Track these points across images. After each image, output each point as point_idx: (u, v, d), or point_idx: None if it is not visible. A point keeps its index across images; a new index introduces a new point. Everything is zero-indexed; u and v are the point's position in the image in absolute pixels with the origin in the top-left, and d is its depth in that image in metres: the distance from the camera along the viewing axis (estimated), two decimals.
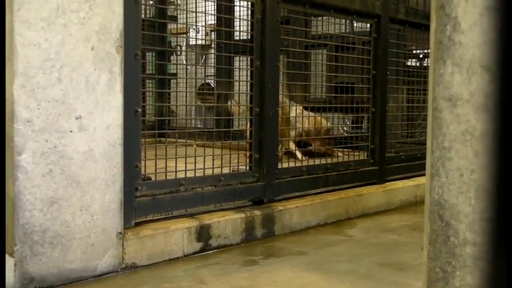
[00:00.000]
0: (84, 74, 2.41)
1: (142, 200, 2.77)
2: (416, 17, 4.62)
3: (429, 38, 1.02)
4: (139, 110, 2.70)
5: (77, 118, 2.39)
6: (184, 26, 7.92)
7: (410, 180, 4.46)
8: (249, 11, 3.45)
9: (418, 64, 6.05)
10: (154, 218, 2.88)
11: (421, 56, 5.97)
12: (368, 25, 4.36)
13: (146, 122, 5.82)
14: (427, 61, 5.87)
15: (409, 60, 6.05)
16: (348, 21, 5.81)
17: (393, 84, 4.67)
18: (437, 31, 0.92)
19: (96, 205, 2.48)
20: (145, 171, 2.82)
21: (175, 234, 2.82)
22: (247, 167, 3.43)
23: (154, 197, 2.84)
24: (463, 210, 0.85)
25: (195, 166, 3.07)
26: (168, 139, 5.53)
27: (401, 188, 4.31)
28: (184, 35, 8.52)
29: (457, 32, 0.88)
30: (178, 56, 8.23)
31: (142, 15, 2.85)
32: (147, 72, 7.54)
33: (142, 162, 2.77)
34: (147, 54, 7.70)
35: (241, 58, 5.01)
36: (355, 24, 6.26)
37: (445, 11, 0.89)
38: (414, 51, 6.09)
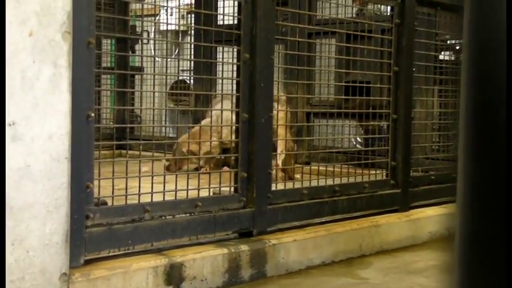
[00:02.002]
0: (20, 67, 2.40)
1: (95, 231, 2.75)
2: None
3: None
4: (93, 114, 2.70)
5: (9, 125, 2.38)
6: (153, 6, 7.93)
7: (443, 208, 4.46)
8: None
9: (453, 58, 6.09)
10: (111, 254, 2.86)
11: (457, 47, 6.01)
12: (389, 8, 4.39)
13: (102, 130, 5.81)
14: None
15: (442, 53, 6.09)
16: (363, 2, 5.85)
17: (421, 84, 4.69)
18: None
19: (34, 238, 2.46)
20: (99, 194, 2.81)
21: (137, 276, 2.79)
22: (232, 189, 3.42)
23: (111, 226, 2.82)
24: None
25: (164, 187, 3.05)
26: (130, 152, 5.52)
27: (431, 217, 4.32)
28: (153, 18, 8.54)
29: None
30: (145, 45, 8.24)
31: None
32: (104, 65, 7.54)
33: (96, 182, 2.75)
34: (104, 42, 7.70)
35: (225, 49, 5.03)
36: (371, 7, 6.30)
37: None
38: (449, 42, 6.14)
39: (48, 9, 2.47)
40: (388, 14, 4.70)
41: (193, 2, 6.91)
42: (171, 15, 8.52)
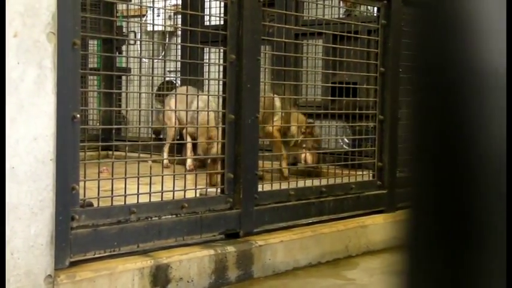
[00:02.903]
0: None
1: (81, 233, 2.74)
2: None
3: None
4: (78, 115, 2.69)
5: None
6: (139, 7, 7.92)
7: None
8: None
9: None
10: (96, 255, 2.85)
11: None
12: (375, 9, 4.40)
13: (88, 131, 5.79)
14: None
15: None
16: (349, 3, 5.86)
17: (407, 84, 4.70)
18: None
19: (18, 240, 2.44)
20: (85, 195, 2.80)
21: (123, 277, 2.79)
22: (219, 190, 3.42)
23: (97, 228, 2.81)
24: None
25: (150, 188, 3.05)
26: (116, 153, 5.50)
27: None
28: (140, 19, 8.53)
29: None
30: (131, 46, 8.22)
31: None
32: (90, 66, 7.52)
33: (81, 184, 2.74)
34: (90, 43, 7.67)
35: (212, 50, 5.03)
36: (360, 8, 6.31)
37: None
38: None
39: (33, 10, 2.46)
40: (375, 14, 4.71)
41: (179, 2, 6.91)
42: (158, 16, 8.51)
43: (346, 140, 5.96)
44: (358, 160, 4.62)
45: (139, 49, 8.22)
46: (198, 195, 3.37)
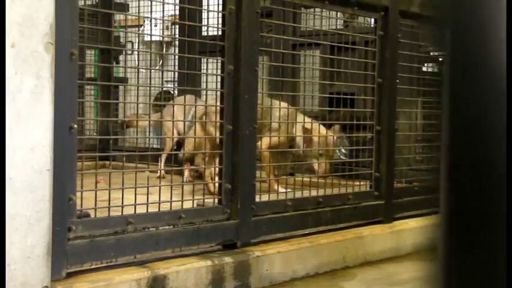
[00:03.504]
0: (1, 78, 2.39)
1: (78, 244, 2.73)
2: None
3: None
4: (75, 125, 2.68)
5: None
6: (137, 17, 7.91)
7: (426, 219, 4.46)
8: (220, 0, 3.46)
9: (436, 70, 6.12)
10: (93, 266, 2.84)
11: (440, 59, 6.04)
12: (372, 20, 4.41)
13: (85, 141, 5.78)
14: None
15: (426, 65, 6.12)
16: (347, 15, 5.86)
17: (405, 95, 4.71)
18: None
19: (15, 251, 2.43)
20: (82, 206, 2.79)
21: None
22: (216, 201, 3.41)
23: (94, 239, 2.80)
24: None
25: (147, 199, 3.04)
26: (113, 163, 5.51)
27: (415, 228, 4.32)
28: (137, 29, 8.52)
29: None
30: (129, 56, 8.22)
31: (81, 3, 2.84)
32: (87, 76, 7.51)
33: (78, 194, 2.73)
34: (88, 53, 7.67)
35: (210, 60, 5.03)
36: (359, 20, 6.32)
37: None
38: (432, 54, 6.17)
39: (31, 20, 2.45)
40: (372, 26, 4.72)
41: (177, 13, 6.90)
42: (155, 26, 8.50)
43: (343, 150, 5.96)
44: (355, 170, 4.62)
45: (136, 59, 8.20)
46: (195, 205, 3.35)
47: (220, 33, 3.47)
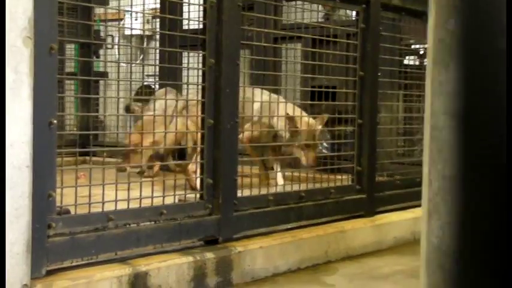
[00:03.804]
0: None
1: (58, 241, 2.71)
2: (416, 2, 4.69)
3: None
4: (55, 121, 2.66)
5: None
6: (117, 11, 7.87)
7: (408, 212, 4.49)
8: None
9: (417, 63, 6.14)
10: (74, 264, 2.81)
11: (421, 52, 6.07)
12: (354, 13, 4.40)
13: (65, 136, 5.72)
14: None
15: (407, 57, 6.14)
16: (328, 7, 5.87)
17: (386, 88, 4.72)
18: (438, 25, 0.91)
19: None
20: (61, 202, 2.76)
21: (100, 286, 2.74)
22: (198, 196, 3.40)
23: (74, 236, 2.77)
24: (472, 259, 0.83)
25: (128, 195, 3.02)
26: (93, 159, 5.47)
27: (396, 222, 4.34)
28: (117, 23, 8.48)
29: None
30: (109, 50, 8.18)
31: None
32: (67, 70, 7.46)
33: (58, 191, 2.70)
34: (67, 47, 7.62)
35: (191, 54, 5.01)
36: (339, 12, 6.33)
37: None
38: (413, 47, 6.19)
39: (9, 14, 2.42)
40: (354, 18, 4.72)
41: (158, 6, 6.87)
42: (136, 19, 8.47)
43: (325, 144, 5.97)
44: (337, 164, 4.63)
45: (117, 53, 8.16)
46: (177, 201, 3.34)
47: (201, 26, 3.45)
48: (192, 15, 5.66)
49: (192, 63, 4.07)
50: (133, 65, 7.56)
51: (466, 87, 0.86)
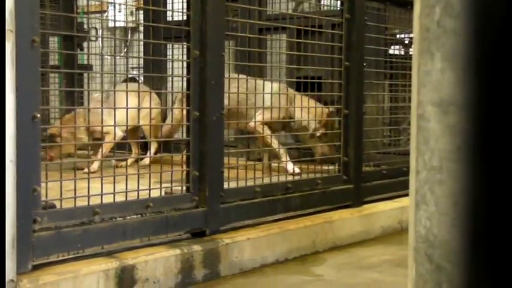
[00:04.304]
0: None
1: (43, 235, 2.69)
2: None
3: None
4: (39, 115, 2.64)
5: None
6: (100, 2, 7.83)
7: (395, 202, 4.50)
8: None
9: (403, 52, 6.15)
10: (60, 258, 2.81)
11: (406, 41, 6.07)
12: (339, 3, 4.40)
13: (49, 130, 5.68)
14: None
15: (392, 47, 6.14)
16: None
17: (372, 78, 4.72)
18: (423, 14, 0.91)
19: None
20: (46, 197, 2.75)
21: (87, 280, 2.74)
22: (184, 188, 3.39)
23: (60, 230, 2.77)
24: (459, 249, 0.84)
25: (114, 188, 3.01)
26: (78, 152, 5.45)
27: (383, 211, 4.35)
28: (101, 15, 8.44)
29: (449, 16, 0.87)
30: (93, 43, 8.14)
31: None
32: (50, 64, 7.41)
33: (43, 185, 2.69)
34: (50, 40, 7.57)
35: (175, 46, 4.99)
36: (322, 2, 6.32)
37: None
38: (398, 36, 6.20)
39: None
40: (339, 8, 4.72)
41: None
42: (120, 11, 8.42)
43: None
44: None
45: (100, 46, 8.13)
46: (163, 194, 3.33)
47: (185, 18, 3.43)
48: (176, 7, 5.65)
49: (177, 55, 4.05)
50: (118, 57, 7.52)
51: (452, 76, 0.86)
